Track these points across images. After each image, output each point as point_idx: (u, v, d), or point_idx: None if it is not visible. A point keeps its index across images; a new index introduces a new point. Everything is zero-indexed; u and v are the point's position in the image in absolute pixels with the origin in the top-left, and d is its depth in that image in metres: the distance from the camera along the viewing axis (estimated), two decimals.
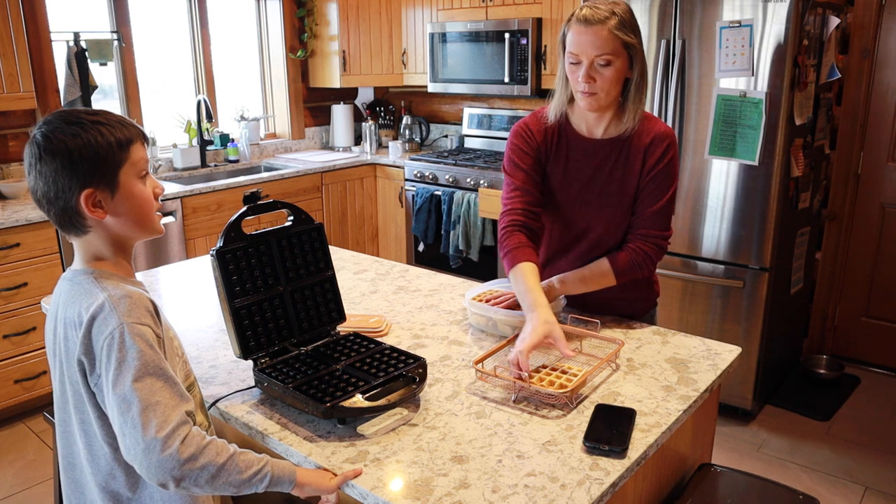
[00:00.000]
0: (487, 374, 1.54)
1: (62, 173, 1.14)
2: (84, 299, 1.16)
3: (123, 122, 1.20)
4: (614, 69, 1.67)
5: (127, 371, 1.09)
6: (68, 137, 1.13)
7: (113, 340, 1.10)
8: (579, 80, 1.68)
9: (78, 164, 1.14)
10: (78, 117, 1.16)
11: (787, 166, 2.91)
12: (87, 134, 1.15)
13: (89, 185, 1.15)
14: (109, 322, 1.11)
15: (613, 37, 1.64)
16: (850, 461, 2.85)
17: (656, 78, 3.06)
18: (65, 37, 3.63)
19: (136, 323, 1.12)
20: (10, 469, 2.86)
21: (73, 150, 1.13)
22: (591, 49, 1.65)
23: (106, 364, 1.10)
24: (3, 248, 3.00)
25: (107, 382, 1.10)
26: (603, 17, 1.63)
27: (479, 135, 4.67)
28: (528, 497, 1.16)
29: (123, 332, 1.11)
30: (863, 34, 3.37)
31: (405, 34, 4.65)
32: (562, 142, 1.84)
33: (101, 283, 1.18)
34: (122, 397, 1.08)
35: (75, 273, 1.21)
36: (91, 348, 1.12)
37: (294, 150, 4.90)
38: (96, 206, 1.17)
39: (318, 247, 1.66)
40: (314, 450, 1.30)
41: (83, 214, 1.16)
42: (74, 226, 1.19)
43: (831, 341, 3.76)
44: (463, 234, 4.04)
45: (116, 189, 1.18)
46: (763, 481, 1.60)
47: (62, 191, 1.15)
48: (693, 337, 1.78)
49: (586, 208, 1.84)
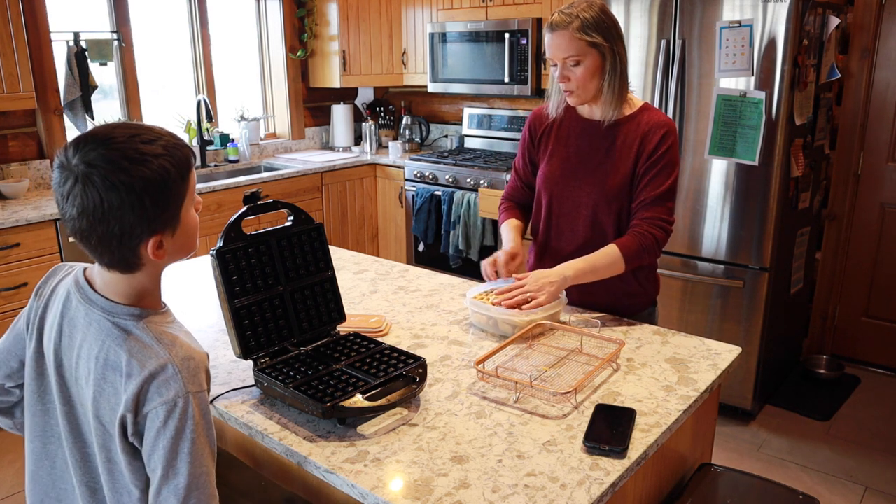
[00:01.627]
0: (489, 374, 1.54)
1: (127, 217, 1.03)
2: (138, 349, 1.09)
3: (179, 144, 1.09)
4: (584, 68, 1.81)
5: (184, 443, 1.07)
6: (133, 169, 1.02)
7: (175, 408, 1.06)
8: (558, 81, 1.85)
9: (147, 208, 1.04)
10: (137, 147, 1.03)
11: (787, 166, 2.91)
12: (154, 166, 1.04)
13: (158, 230, 1.07)
14: (172, 387, 1.07)
15: (576, 39, 1.78)
16: (850, 461, 2.85)
17: (656, 78, 3.06)
18: (65, 37, 3.63)
19: (198, 392, 1.09)
20: (10, 469, 2.85)
21: (141, 191, 1.02)
22: (558, 52, 1.81)
23: (161, 428, 1.06)
24: (3, 248, 3.00)
25: (155, 445, 1.07)
26: (566, 21, 1.78)
27: (479, 135, 4.67)
28: (528, 497, 1.16)
29: (189, 402, 1.07)
30: (863, 34, 3.37)
31: (405, 34, 4.65)
32: (565, 124, 1.98)
33: (154, 332, 1.12)
34: (173, 465, 1.06)
35: (115, 308, 1.12)
36: (140, 406, 1.07)
37: (294, 150, 4.90)
38: (159, 248, 1.09)
39: (318, 247, 1.66)
40: (314, 450, 1.30)
41: (141, 256, 1.09)
42: (128, 266, 1.10)
43: (831, 341, 3.76)
44: (463, 234, 4.04)
45: (178, 226, 1.11)
46: (763, 481, 1.60)
47: (127, 237, 1.05)
48: (693, 337, 1.78)
49: (583, 183, 1.94)
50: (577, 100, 1.87)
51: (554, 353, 1.68)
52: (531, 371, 1.58)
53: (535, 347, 1.72)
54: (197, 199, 1.15)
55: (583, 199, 1.93)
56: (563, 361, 1.64)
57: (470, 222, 4.01)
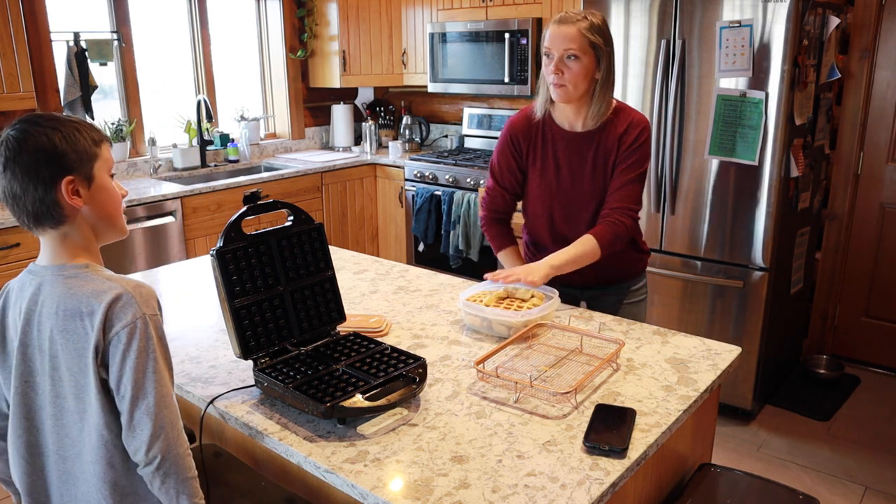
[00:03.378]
0: (489, 374, 1.54)
1: (43, 165, 1.19)
2: (91, 290, 1.20)
3: (91, 125, 1.28)
4: (581, 65, 1.89)
5: (148, 361, 1.18)
6: (48, 132, 1.20)
7: (135, 329, 1.17)
8: (551, 73, 1.91)
9: (60, 156, 1.20)
10: (51, 118, 1.23)
11: (787, 166, 2.91)
12: (65, 129, 1.22)
13: (70, 172, 1.21)
14: (129, 311, 1.18)
15: (581, 35, 1.87)
16: (850, 461, 2.85)
17: (656, 78, 3.06)
18: (65, 37, 3.63)
19: (153, 315, 1.21)
20: None
21: (56, 143, 1.19)
22: (560, 43, 1.88)
23: (125, 350, 1.17)
24: (3, 248, 3.00)
25: (122, 367, 1.17)
26: (576, 18, 1.88)
27: (479, 135, 4.67)
28: (528, 497, 1.16)
29: (146, 322, 1.19)
30: (863, 34, 3.37)
31: (405, 34, 4.65)
32: (546, 136, 2.07)
33: (104, 275, 1.24)
34: (141, 385, 1.17)
35: (63, 268, 1.24)
36: (106, 332, 1.17)
37: (294, 150, 4.90)
38: (75, 194, 1.22)
39: (318, 247, 1.66)
40: (314, 450, 1.30)
41: (61, 203, 1.21)
42: (52, 217, 1.22)
43: (831, 341, 3.76)
44: (463, 234, 4.04)
45: (92, 181, 1.24)
46: (763, 481, 1.60)
47: (43, 181, 1.19)
48: (693, 337, 1.78)
49: (576, 194, 2.04)
50: (564, 96, 1.94)
51: (554, 353, 1.68)
52: (531, 371, 1.58)
53: (535, 347, 1.72)
54: (120, 185, 1.32)
55: (583, 204, 2.04)
56: (563, 361, 1.64)
57: (470, 222, 4.01)
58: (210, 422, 1.71)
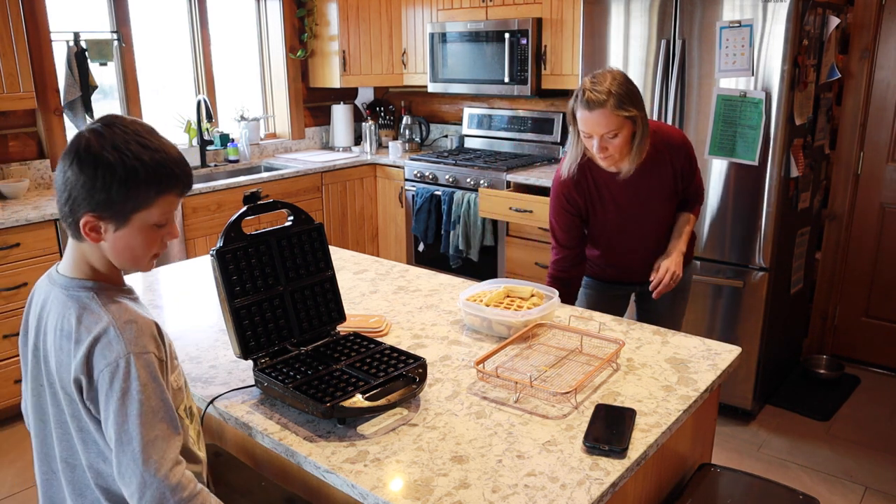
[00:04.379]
0: (489, 374, 1.54)
1: (80, 185, 1.11)
2: (85, 316, 1.15)
3: (175, 166, 1.15)
4: (622, 137, 1.98)
5: (131, 404, 1.09)
6: (111, 154, 1.10)
7: (117, 369, 1.10)
8: (596, 152, 2.01)
9: (97, 188, 1.10)
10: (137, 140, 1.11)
11: (787, 166, 2.91)
12: (129, 162, 1.10)
13: (95, 212, 1.13)
14: (114, 349, 1.11)
15: (615, 115, 1.93)
16: (850, 461, 2.85)
17: (656, 78, 3.06)
18: (65, 37, 3.63)
19: (141, 353, 1.12)
20: (11, 469, 2.86)
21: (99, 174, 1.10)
22: (597, 128, 1.96)
23: (108, 391, 1.10)
24: (3, 248, 3.00)
25: (107, 409, 1.10)
26: (602, 99, 1.92)
27: (479, 135, 4.67)
28: (528, 497, 1.16)
29: (130, 362, 1.10)
30: (863, 34, 3.37)
31: (405, 34, 4.65)
32: (599, 182, 2.15)
33: (102, 301, 1.16)
34: (124, 429, 1.09)
35: (71, 283, 1.19)
36: (90, 370, 1.11)
37: (294, 150, 4.90)
38: (93, 231, 1.14)
39: (318, 247, 1.66)
40: (314, 450, 1.30)
41: (79, 228, 1.15)
42: (74, 232, 1.17)
43: (831, 341, 3.76)
44: (463, 234, 4.04)
45: (123, 226, 1.15)
46: (763, 481, 1.60)
47: (73, 201, 1.12)
48: (693, 337, 1.78)
49: (643, 216, 2.20)
50: (612, 162, 2.05)
51: (554, 353, 1.68)
52: (531, 371, 1.58)
53: (535, 347, 1.72)
54: (174, 229, 1.21)
55: (649, 225, 2.23)
56: (563, 361, 1.64)
57: (470, 222, 4.01)
58: (210, 422, 1.71)
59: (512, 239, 3.90)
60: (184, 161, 1.18)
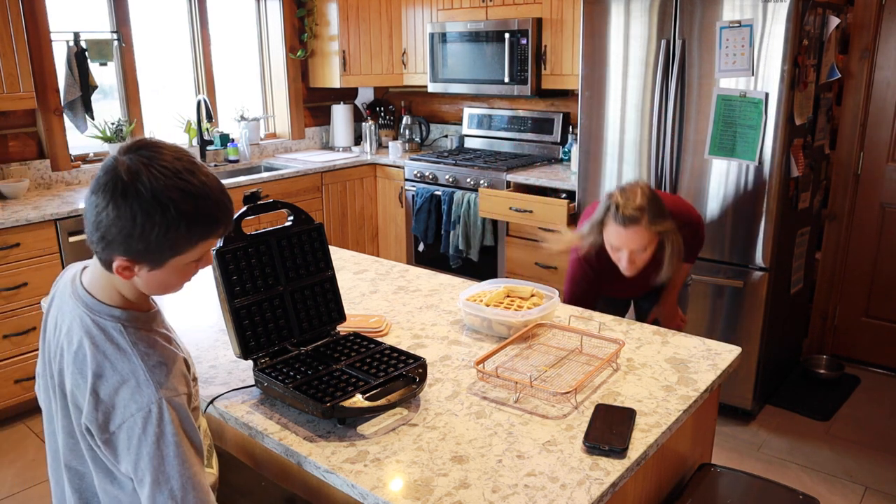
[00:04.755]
0: (489, 374, 1.54)
1: (116, 230, 1.04)
2: (110, 350, 1.10)
3: (218, 212, 1.09)
4: (650, 251, 2.05)
5: (167, 447, 1.07)
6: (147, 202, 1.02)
7: (150, 415, 1.06)
8: (622, 263, 2.07)
9: (133, 238, 1.04)
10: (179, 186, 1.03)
11: (787, 166, 2.91)
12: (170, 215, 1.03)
13: (132, 258, 1.07)
14: (144, 393, 1.07)
15: (648, 232, 1.99)
16: (850, 461, 2.85)
17: (656, 78, 3.06)
18: (65, 37, 3.63)
19: (173, 396, 1.09)
20: (11, 469, 2.86)
21: (141, 224, 1.03)
22: (629, 244, 2.02)
23: (140, 436, 1.06)
24: (3, 248, 3.00)
25: (139, 452, 1.07)
26: (636, 216, 1.97)
27: (479, 135, 4.67)
28: (528, 497, 1.16)
29: (162, 407, 1.07)
30: (863, 34, 3.37)
31: (405, 34, 4.65)
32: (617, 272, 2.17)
33: (130, 336, 1.11)
34: (161, 470, 1.06)
35: (98, 307, 1.13)
36: (112, 411, 1.07)
37: (294, 150, 4.90)
38: (126, 270, 1.09)
39: (318, 247, 1.66)
40: (314, 450, 1.30)
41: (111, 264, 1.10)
42: (104, 264, 1.11)
43: (831, 341, 3.76)
44: (463, 234, 4.04)
45: (158, 268, 1.10)
46: (763, 481, 1.60)
47: (106, 241, 1.06)
48: (693, 337, 1.78)
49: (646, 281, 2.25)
50: (634, 271, 2.10)
51: (554, 353, 1.68)
52: (531, 371, 1.58)
53: (535, 347, 1.72)
54: (207, 256, 1.15)
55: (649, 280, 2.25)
56: (563, 361, 1.64)
57: (470, 222, 4.01)
58: (210, 422, 1.71)
59: (512, 239, 3.90)
60: (227, 201, 1.11)
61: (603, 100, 3.26)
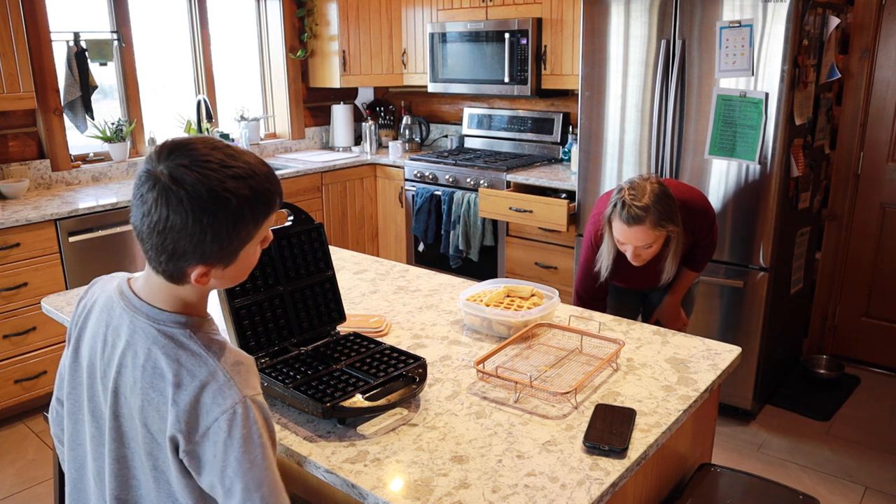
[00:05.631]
0: (489, 374, 1.54)
1: (183, 241, 1.02)
2: (185, 357, 1.07)
3: (265, 190, 1.06)
4: (656, 246, 2.09)
5: (254, 449, 1.04)
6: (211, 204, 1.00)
7: (235, 416, 1.03)
8: (628, 255, 2.12)
9: (206, 241, 1.02)
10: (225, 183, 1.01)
11: (787, 166, 2.91)
12: (232, 206, 1.01)
13: (208, 262, 1.05)
14: (228, 395, 1.04)
15: (653, 230, 2.02)
16: (850, 461, 2.85)
17: (656, 78, 3.06)
18: (65, 37, 3.63)
19: (255, 395, 1.07)
20: (11, 469, 2.86)
21: (208, 225, 1.01)
22: (634, 241, 2.06)
23: (227, 440, 1.03)
24: (3, 248, 3.00)
25: (225, 457, 1.03)
26: (642, 215, 1.99)
27: (479, 135, 4.67)
28: (528, 497, 1.16)
29: (248, 406, 1.04)
30: (863, 34, 3.37)
31: (405, 34, 4.65)
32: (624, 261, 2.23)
33: (201, 339, 1.09)
34: (251, 475, 1.03)
35: (162, 315, 1.10)
36: (197, 418, 1.04)
37: (294, 150, 4.90)
38: (204, 276, 1.07)
39: (318, 247, 1.66)
40: (314, 450, 1.30)
41: (187, 279, 1.07)
42: (172, 279, 1.08)
43: (831, 341, 3.76)
44: (463, 234, 4.04)
45: (232, 263, 1.08)
46: (763, 481, 1.60)
47: (178, 256, 1.03)
48: (693, 337, 1.78)
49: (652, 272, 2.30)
50: (641, 263, 2.15)
51: (554, 353, 1.68)
52: (531, 371, 1.58)
53: (535, 347, 1.72)
54: (268, 235, 1.14)
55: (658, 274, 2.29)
56: (563, 361, 1.64)
57: (470, 222, 4.01)
58: None
59: (512, 239, 3.90)
60: (271, 172, 1.09)
61: (603, 100, 3.26)
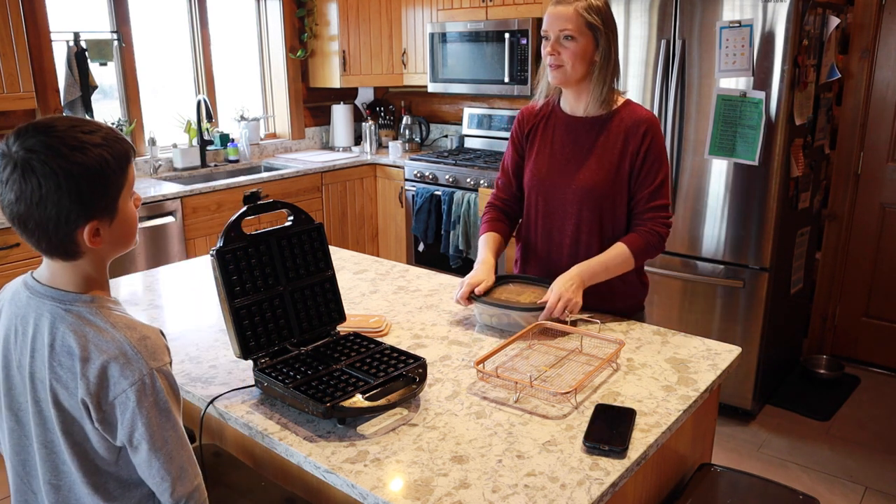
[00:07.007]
0: (489, 374, 1.54)
1: (64, 202, 1.06)
2: (91, 332, 1.11)
3: (119, 137, 1.13)
4: (577, 45, 1.83)
5: (160, 413, 1.12)
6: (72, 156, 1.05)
7: (144, 387, 1.10)
8: (547, 53, 1.87)
9: (84, 193, 1.07)
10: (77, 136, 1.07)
11: (787, 166, 2.91)
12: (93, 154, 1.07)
13: (95, 216, 1.10)
14: (135, 367, 1.10)
15: (578, 16, 1.82)
16: (850, 461, 2.85)
17: (656, 78, 3.06)
18: (65, 37, 3.63)
19: (162, 366, 1.13)
20: None
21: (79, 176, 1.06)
22: (556, 23, 1.85)
23: (136, 408, 1.10)
24: (3, 248, 3.00)
25: (135, 423, 1.10)
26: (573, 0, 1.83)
27: (479, 135, 4.67)
28: (528, 497, 1.16)
29: (154, 378, 1.11)
30: (863, 34, 3.37)
31: (405, 34, 4.65)
32: (549, 122, 2.02)
33: (106, 315, 1.14)
34: (157, 437, 1.12)
35: (67, 296, 1.14)
36: (105, 390, 1.09)
37: (294, 150, 4.90)
38: (96, 236, 1.12)
39: (318, 247, 1.66)
40: (314, 450, 1.30)
41: (81, 245, 1.11)
42: (66, 253, 1.12)
43: (831, 341, 3.76)
44: (463, 234, 4.04)
45: (115, 215, 1.14)
46: (763, 481, 1.60)
47: (63, 221, 1.08)
48: (693, 337, 1.78)
49: (569, 181, 1.93)
50: (561, 77, 1.88)
51: (554, 353, 1.68)
52: (531, 371, 1.58)
53: (535, 347, 1.72)
54: (136, 194, 1.19)
55: (568, 197, 1.93)
56: (563, 361, 1.64)
57: (470, 222, 4.01)
58: (210, 422, 1.71)
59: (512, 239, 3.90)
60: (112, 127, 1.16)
61: None
